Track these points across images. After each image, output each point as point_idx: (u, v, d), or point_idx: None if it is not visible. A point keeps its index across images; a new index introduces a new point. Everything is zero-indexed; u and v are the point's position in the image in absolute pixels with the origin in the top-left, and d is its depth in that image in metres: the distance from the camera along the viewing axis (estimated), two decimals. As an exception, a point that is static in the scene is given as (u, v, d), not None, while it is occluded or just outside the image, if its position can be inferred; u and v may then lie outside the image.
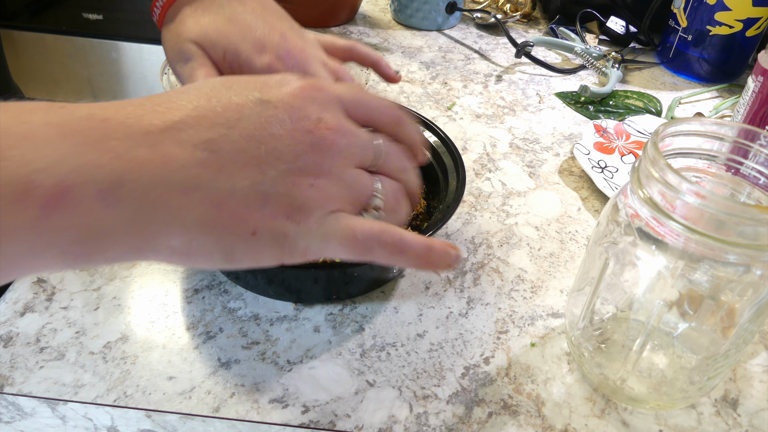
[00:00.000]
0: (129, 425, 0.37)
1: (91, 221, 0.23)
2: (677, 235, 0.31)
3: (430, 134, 0.51)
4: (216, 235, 0.26)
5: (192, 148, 0.25)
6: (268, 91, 0.28)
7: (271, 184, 0.26)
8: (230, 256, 0.26)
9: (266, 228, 0.26)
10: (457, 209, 0.46)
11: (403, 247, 0.29)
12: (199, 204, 0.25)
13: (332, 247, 0.28)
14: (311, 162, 0.27)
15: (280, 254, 0.27)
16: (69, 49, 2.05)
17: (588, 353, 0.39)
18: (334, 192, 0.28)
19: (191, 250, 0.26)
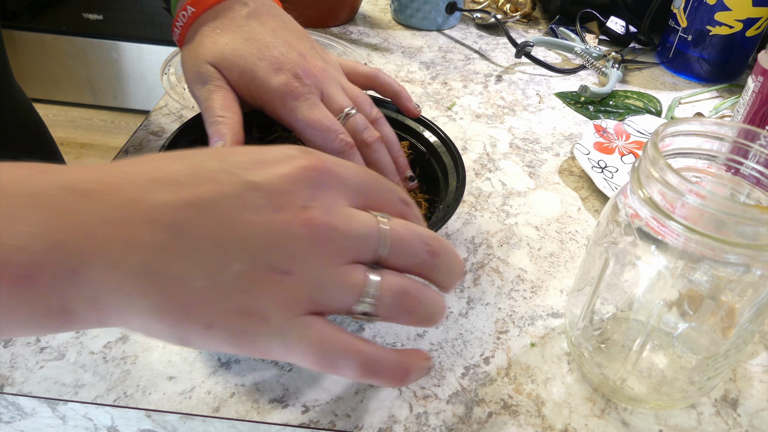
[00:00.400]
0: (129, 425, 0.37)
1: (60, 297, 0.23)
2: (677, 235, 0.31)
3: (430, 134, 0.51)
4: (169, 324, 0.24)
5: (159, 229, 0.23)
6: (259, 171, 0.25)
7: (233, 278, 0.24)
8: (186, 343, 0.25)
9: (222, 324, 0.24)
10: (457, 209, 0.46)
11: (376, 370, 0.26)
12: (152, 291, 0.23)
13: (294, 355, 0.25)
14: (282, 256, 0.24)
15: (239, 350, 0.25)
16: (69, 49, 2.05)
17: (588, 353, 0.39)
18: (306, 292, 0.25)
19: (149, 333, 0.25)
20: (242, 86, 0.41)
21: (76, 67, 2.09)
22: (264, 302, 0.24)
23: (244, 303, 0.24)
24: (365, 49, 0.83)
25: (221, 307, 0.24)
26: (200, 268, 0.24)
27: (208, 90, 0.40)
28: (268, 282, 0.24)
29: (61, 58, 2.08)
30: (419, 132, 0.52)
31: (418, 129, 0.52)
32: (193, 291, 0.24)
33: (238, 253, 0.24)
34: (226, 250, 0.24)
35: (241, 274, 0.24)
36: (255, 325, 0.24)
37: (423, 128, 0.52)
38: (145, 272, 0.23)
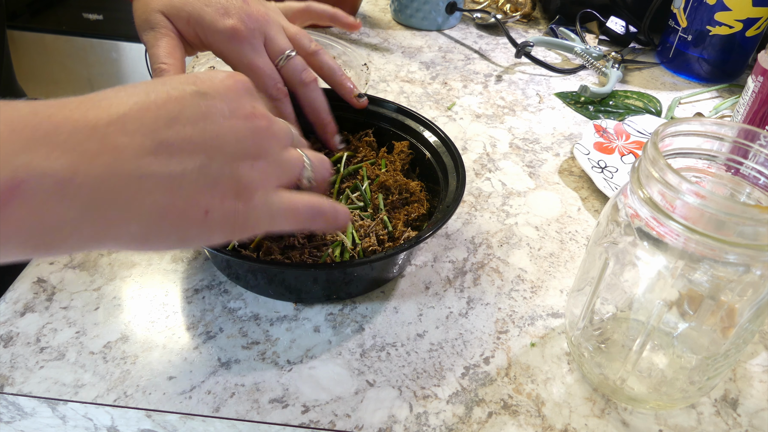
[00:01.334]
0: (129, 425, 0.37)
1: (47, 213, 0.24)
2: (677, 235, 0.31)
3: (430, 134, 0.51)
4: (171, 219, 0.27)
5: (141, 138, 0.26)
6: (203, 84, 0.29)
7: (218, 167, 0.28)
8: (184, 236, 0.28)
9: (217, 208, 0.28)
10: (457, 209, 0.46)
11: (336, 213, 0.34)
12: (153, 190, 0.26)
13: (278, 221, 0.31)
14: (251, 146, 0.30)
15: (231, 231, 0.29)
16: (69, 49, 2.05)
17: (588, 353, 0.39)
18: (273, 171, 0.31)
19: (149, 235, 0.27)
20: (190, 31, 0.44)
21: (76, 67, 2.09)
22: (246, 182, 0.29)
23: (232, 185, 0.28)
24: (365, 49, 0.83)
25: (214, 193, 0.28)
26: (189, 165, 0.27)
27: (155, 36, 0.44)
28: (245, 167, 0.29)
29: (61, 58, 2.07)
30: (419, 132, 0.52)
31: (419, 129, 0.52)
32: (188, 184, 0.27)
33: (216, 147, 0.28)
34: (205, 147, 0.28)
35: (224, 163, 0.28)
36: (243, 202, 0.29)
37: (423, 128, 0.52)
38: (142, 175, 0.26)
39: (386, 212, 0.46)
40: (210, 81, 0.30)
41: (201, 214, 0.28)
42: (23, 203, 0.23)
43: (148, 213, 0.26)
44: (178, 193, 0.27)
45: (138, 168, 0.26)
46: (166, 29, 0.44)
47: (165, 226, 0.27)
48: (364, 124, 0.54)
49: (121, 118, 0.26)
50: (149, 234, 0.27)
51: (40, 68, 2.10)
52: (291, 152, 0.33)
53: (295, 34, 0.49)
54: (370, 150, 0.53)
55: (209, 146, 0.28)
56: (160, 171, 0.26)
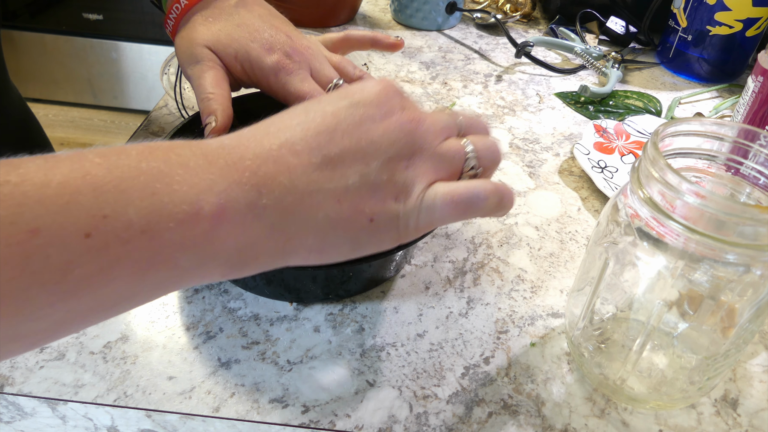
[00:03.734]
0: (129, 425, 0.37)
1: (244, 232, 0.26)
2: (677, 235, 0.31)
3: None
4: (342, 228, 0.29)
5: (307, 156, 0.28)
6: (353, 96, 0.31)
7: (376, 173, 0.29)
8: (356, 245, 0.30)
9: (380, 213, 0.29)
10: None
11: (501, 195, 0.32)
12: (322, 203, 0.28)
13: (438, 215, 0.31)
14: (404, 145, 0.30)
15: (397, 235, 0.30)
16: (69, 49, 2.05)
17: (588, 353, 0.39)
18: (429, 166, 0.31)
19: (324, 246, 0.29)
20: (237, 66, 0.45)
21: (76, 67, 2.09)
22: (402, 182, 0.30)
23: (391, 188, 0.30)
24: (365, 49, 0.83)
25: (376, 198, 0.29)
26: (351, 175, 0.29)
27: (200, 69, 0.44)
28: (400, 167, 0.30)
29: (61, 58, 2.07)
30: None
31: None
32: (352, 194, 0.29)
33: (372, 153, 0.29)
34: (363, 155, 0.29)
35: (381, 168, 0.29)
36: (403, 203, 0.30)
37: None
38: (312, 191, 0.28)
39: None
40: (360, 91, 0.31)
41: (366, 221, 0.29)
42: (227, 226, 0.26)
43: (321, 225, 0.28)
44: (344, 203, 0.28)
45: (308, 184, 0.28)
46: (213, 62, 0.44)
47: (338, 236, 0.29)
48: None
49: (289, 140, 0.28)
50: (324, 245, 0.29)
51: (40, 68, 2.10)
52: (450, 143, 0.32)
53: (339, 62, 0.49)
54: None
55: (365, 153, 0.29)
56: (326, 185, 0.28)
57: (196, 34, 0.45)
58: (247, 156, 0.27)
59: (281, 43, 0.45)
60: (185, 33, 0.45)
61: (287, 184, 0.27)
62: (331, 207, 0.28)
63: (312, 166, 0.28)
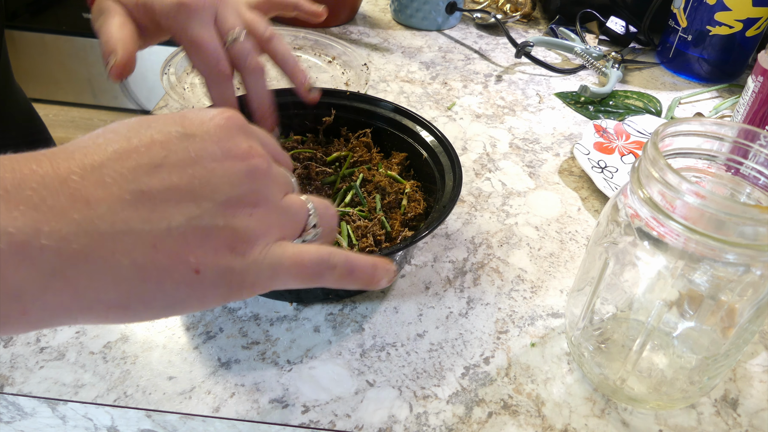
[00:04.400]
0: (129, 425, 0.37)
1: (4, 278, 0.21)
2: (677, 235, 0.31)
3: (427, 134, 0.51)
4: (155, 281, 0.24)
5: (118, 189, 0.23)
6: (191, 125, 0.26)
7: (210, 217, 0.25)
8: (172, 301, 0.25)
9: (210, 264, 0.25)
10: (457, 209, 0.46)
11: (353, 268, 0.29)
12: (131, 249, 0.23)
13: (281, 277, 0.27)
14: (248, 190, 0.26)
15: (227, 293, 0.26)
16: (69, 49, 2.05)
17: (588, 353, 0.39)
18: (274, 219, 0.27)
19: (129, 303, 0.24)
20: (140, 12, 0.43)
21: (76, 67, 2.09)
22: (243, 232, 0.25)
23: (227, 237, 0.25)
24: (365, 49, 0.83)
25: (206, 247, 0.24)
26: (176, 216, 0.24)
27: (103, 19, 0.42)
28: (242, 215, 0.26)
29: (61, 58, 2.07)
30: (416, 132, 0.52)
31: (415, 129, 0.52)
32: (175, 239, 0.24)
33: (207, 195, 0.25)
34: (194, 196, 0.24)
35: (217, 212, 0.25)
36: (242, 256, 0.25)
37: (420, 128, 0.52)
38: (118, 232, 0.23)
39: (383, 212, 0.46)
40: (199, 120, 0.27)
41: (190, 273, 0.24)
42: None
43: (126, 276, 0.23)
44: (162, 250, 0.23)
45: (113, 224, 0.23)
46: (116, 11, 0.42)
47: (148, 291, 0.24)
48: (363, 123, 0.54)
49: (97, 168, 0.23)
50: (129, 301, 0.24)
51: (40, 68, 2.10)
52: (293, 198, 0.29)
53: (252, 19, 0.46)
54: (366, 150, 0.53)
55: (198, 194, 0.25)
56: (139, 226, 0.23)
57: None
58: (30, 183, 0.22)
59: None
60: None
61: (82, 222, 0.22)
62: (141, 254, 0.23)
63: (123, 202, 0.23)
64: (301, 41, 0.79)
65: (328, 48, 0.77)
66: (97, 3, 0.44)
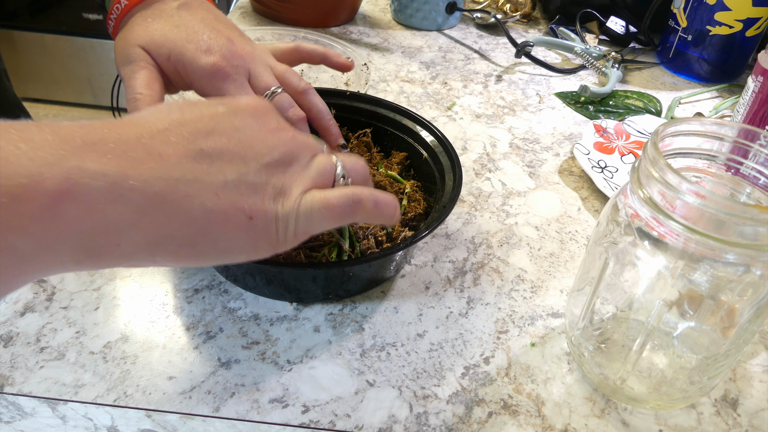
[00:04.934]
0: (129, 425, 0.37)
1: (100, 214, 0.24)
2: (677, 235, 0.31)
3: (427, 134, 0.51)
4: (219, 222, 0.28)
5: (183, 148, 0.27)
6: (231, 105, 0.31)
7: (255, 174, 0.29)
8: (232, 245, 0.29)
9: (260, 212, 0.29)
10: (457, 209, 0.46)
11: (377, 200, 0.33)
12: (198, 194, 0.27)
13: (316, 219, 0.31)
14: (282, 154, 0.31)
15: (275, 240, 0.30)
16: (69, 49, 2.05)
17: (588, 353, 0.39)
18: (305, 174, 0.32)
19: (197, 242, 0.28)
20: (171, 68, 0.43)
21: (76, 67, 2.09)
22: (281, 185, 0.30)
23: (269, 190, 0.30)
24: (365, 49, 0.83)
25: (256, 198, 0.29)
26: (229, 172, 0.28)
27: (132, 69, 0.42)
28: (278, 172, 0.31)
29: (61, 58, 2.07)
30: (417, 132, 0.52)
31: (416, 129, 0.52)
32: (231, 189, 0.28)
33: (251, 156, 0.30)
34: (241, 156, 0.29)
35: (259, 170, 0.30)
36: (281, 204, 0.30)
37: (421, 128, 0.52)
38: (188, 180, 0.27)
39: None
40: (237, 102, 0.32)
41: (245, 218, 0.29)
42: (76, 203, 0.23)
43: (196, 217, 0.27)
44: (223, 198, 0.28)
45: (183, 173, 0.27)
46: (145, 62, 0.42)
47: (212, 232, 0.28)
48: (363, 123, 0.54)
49: (162, 131, 0.27)
50: (197, 240, 0.28)
51: (40, 68, 2.10)
52: (321, 158, 0.34)
53: (284, 72, 0.46)
54: (366, 150, 0.53)
55: (245, 155, 0.29)
56: (203, 177, 0.27)
57: (133, 34, 0.43)
58: (111, 139, 0.25)
59: (220, 46, 0.43)
60: (123, 34, 0.43)
61: (159, 169, 0.26)
62: (207, 199, 0.27)
63: (188, 157, 0.27)
64: (301, 41, 0.79)
65: (328, 47, 0.77)
66: (123, 45, 0.43)
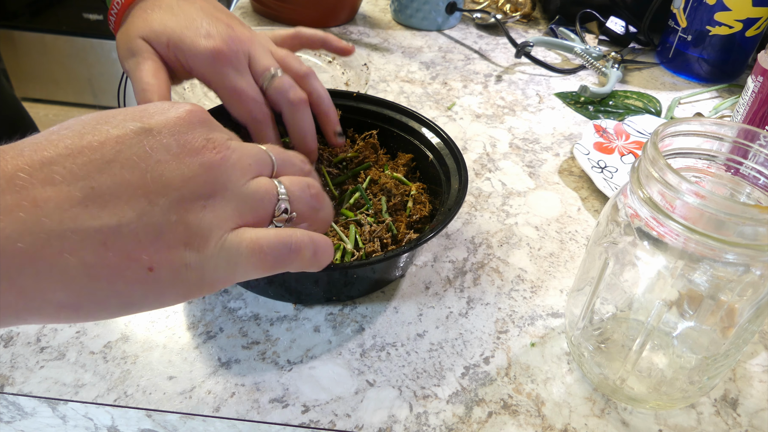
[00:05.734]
0: (129, 425, 0.37)
1: None
2: (677, 235, 0.31)
3: (433, 136, 0.51)
4: (107, 280, 0.23)
5: (67, 187, 0.23)
6: (149, 119, 0.26)
7: (162, 213, 0.24)
8: (127, 300, 0.24)
9: (163, 262, 0.24)
10: (458, 210, 0.46)
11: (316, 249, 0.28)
12: (79, 248, 0.22)
13: (241, 268, 0.26)
14: (202, 183, 0.25)
15: (186, 290, 0.25)
16: (69, 49, 2.05)
17: (588, 353, 0.39)
18: (232, 208, 0.26)
19: (81, 303, 0.23)
20: (171, 56, 0.42)
21: (76, 67, 2.09)
22: (197, 226, 0.25)
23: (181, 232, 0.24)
24: (365, 49, 0.83)
25: (159, 244, 0.24)
26: (126, 213, 0.23)
27: (136, 62, 0.41)
28: (195, 209, 0.25)
29: (61, 58, 2.07)
30: (423, 134, 0.52)
31: (422, 131, 0.52)
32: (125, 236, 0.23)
33: (159, 190, 0.24)
34: (146, 191, 0.24)
35: (170, 208, 0.24)
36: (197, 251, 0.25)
37: (427, 130, 0.52)
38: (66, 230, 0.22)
39: (389, 214, 0.46)
40: (159, 114, 0.26)
41: (143, 271, 0.24)
42: None
43: (75, 276, 0.22)
44: (113, 248, 0.23)
45: (61, 223, 0.22)
46: (148, 53, 0.41)
47: (100, 290, 0.23)
48: (369, 125, 0.54)
49: (47, 165, 0.23)
50: (80, 301, 0.23)
51: (40, 68, 2.10)
52: (259, 182, 0.28)
53: (284, 56, 0.46)
54: (372, 152, 0.53)
55: (150, 190, 0.24)
56: (88, 224, 0.23)
57: (133, 27, 0.42)
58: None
59: (219, 32, 0.42)
60: (124, 28, 0.43)
61: (28, 221, 0.21)
62: (90, 253, 0.22)
63: (72, 200, 0.22)
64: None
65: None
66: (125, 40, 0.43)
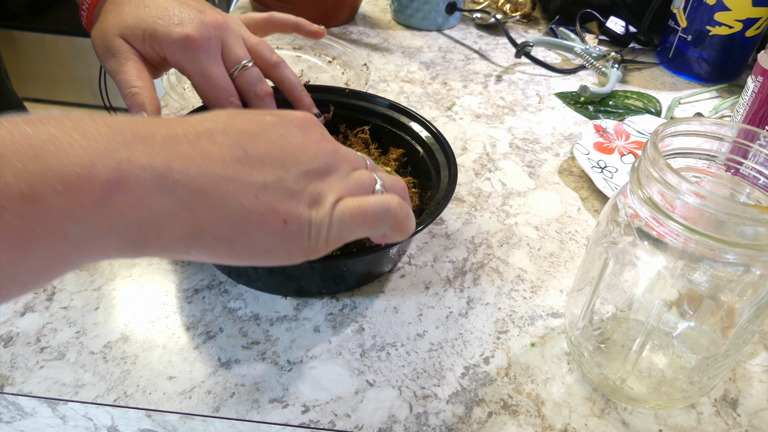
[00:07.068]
0: (129, 425, 0.37)
1: (148, 205, 0.25)
2: (677, 235, 0.31)
3: (423, 130, 0.51)
4: (256, 224, 0.29)
5: (227, 148, 0.28)
6: (278, 115, 0.32)
7: (294, 181, 0.30)
8: (267, 246, 0.29)
9: (295, 217, 0.30)
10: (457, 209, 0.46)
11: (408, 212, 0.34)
12: (240, 192, 0.28)
13: (348, 226, 0.31)
14: (322, 164, 0.32)
15: (308, 246, 0.31)
16: (69, 49, 2.05)
17: (588, 353, 0.39)
18: (342, 184, 0.32)
19: (235, 240, 0.28)
20: (148, 48, 0.43)
21: (76, 67, 2.09)
22: (317, 193, 0.31)
23: (306, 196, 0.30)
24: (365, 49, 0.83)
25: (291, 203, 0.30)
26: (270, 176, 0.29)
27: (117, 62, 0.43)
28: (316, 180, 0.31)
29: (61, 58, 2.07)
30: (413, 129, 0.52)
31: (412, 126, 0.52)
32: (270, 192, 0.29)
33: (293, 163, 0.31)
34: (282, 162, 0.30)
35: (298, 177, 0.30)
36: (316, 211, 0.31)
37: (417, 125, 0.52)
38: (229, 178, 0.28)
39: None
40: (282, 113, 0.33)
41: (281, 222, 0.29)
42: (125, 194, 0.24)
43: (235, 216, 0.28)
44: (261, 200, 0.29)
45: (225, 172, 0.28)
46: (128, 53, 0.43)
47: (249, 232, 0.29)
48: (361, 121, 0.54)
49: (209, 131, 0.29)
50: (234, 238, 0.28)
51: (40, 68, 2.10)
52: (361, 172, 0.34)
53: (256, 44, 0.47)
54: (364, 147, 0.53)
55: (285, 162, 0.30)
56: (244, 177, 0.28)
57: (107, 24, 0.43)
58: (159, 134, 0.27)
59: (191, 18, 0.43)
60: (98, 25, 0.44)
61: (203, 166, 0.27)
62: (246, 199, 0.28)
63: (232, 156, 0.28)
64: (300, 41, 0.79)
65: (328, 48, 0.77)
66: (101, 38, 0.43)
